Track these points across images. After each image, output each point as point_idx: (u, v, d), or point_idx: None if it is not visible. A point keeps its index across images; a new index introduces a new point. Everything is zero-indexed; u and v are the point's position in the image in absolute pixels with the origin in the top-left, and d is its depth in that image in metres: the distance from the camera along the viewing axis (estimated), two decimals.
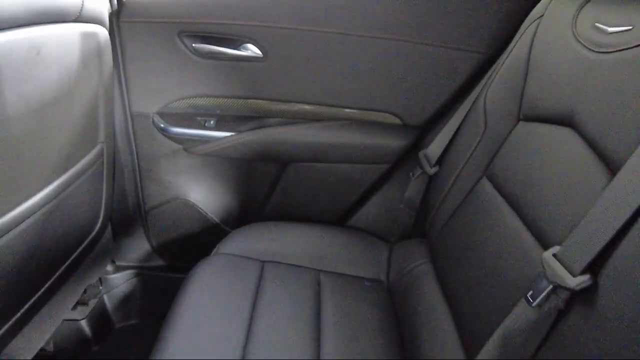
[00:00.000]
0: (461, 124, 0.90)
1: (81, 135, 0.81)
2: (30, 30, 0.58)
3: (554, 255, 0.50)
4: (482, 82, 0.88)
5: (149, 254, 1.26)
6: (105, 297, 1.25)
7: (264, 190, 1.15)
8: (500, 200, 0.71)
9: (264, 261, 0.93)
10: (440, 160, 0.94)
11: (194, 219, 1.18)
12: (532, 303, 0.49)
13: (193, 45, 0.95)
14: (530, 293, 0.50)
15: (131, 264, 1.26)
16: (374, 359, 0.76)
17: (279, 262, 0.94)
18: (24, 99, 0.60)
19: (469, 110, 0.88)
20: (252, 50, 0.97)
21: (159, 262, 1.27)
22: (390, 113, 1.02)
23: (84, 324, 1.17)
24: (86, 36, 0.73)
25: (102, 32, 0.80)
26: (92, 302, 1.19)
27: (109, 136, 0.94)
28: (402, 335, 0.83)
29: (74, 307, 1.17)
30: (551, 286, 0.48)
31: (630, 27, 0.55)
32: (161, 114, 1.04)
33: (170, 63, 0.98)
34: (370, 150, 1.05)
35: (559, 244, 0.51)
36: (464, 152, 0.85)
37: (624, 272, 0.42)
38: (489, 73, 0.86)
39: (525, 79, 0.74)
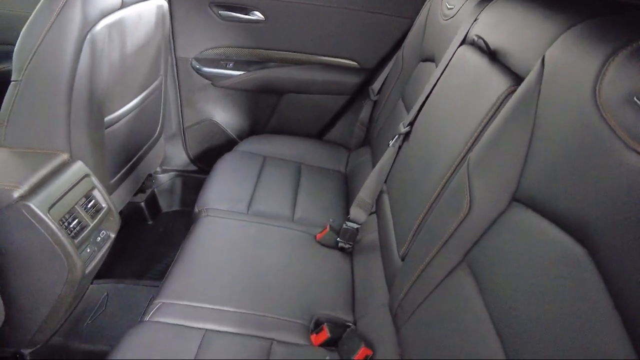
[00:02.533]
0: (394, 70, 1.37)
1: (152, 69, 1.31)
2: (137, 6, 1.07)
3: None
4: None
5: (186, 161, 1.79)
6: (155, 190, 1.79)
7: (266, 113, 1.66)
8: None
9: (265, 156, 1.45)
10: (380, 90, 1.43)
11: (218, 134, 1.70)
12: None
13: (219, 11, 1.44)
14: None
15: (173, 168, 1.80)
16: (330, 211, 1.25)
17: (274, 157, 1.46)
18: (134, 44, 1.11)
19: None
20: (257, 15, 1.45)
21: (193, 167, 1.80)
22: (350, 59, 1.51)
23: (142, 205, 1.72)
24: (158, 7, 1.22)
25: (165, 3, 1.28)
26: (148, 191, 1.74)
27: (165, 72, 1.44)
28: (349, 196, 1.35)
29: (135, 194, 1.71)
30: None
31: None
32: (197, 59, 1.54)
33: (203, 24, 1.47)
34: (336, 85, 1.54)
35: None
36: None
37: None
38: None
39: None
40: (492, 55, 0.73)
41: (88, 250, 1.01)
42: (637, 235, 0.37)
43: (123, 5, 1.05)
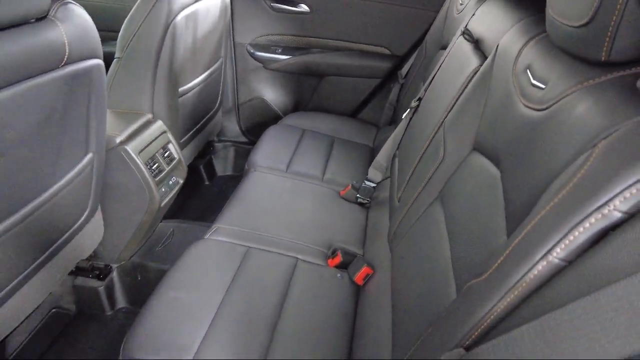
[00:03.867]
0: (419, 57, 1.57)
1: (215, 51, 1.60)
2: (207, 0, 1.36)
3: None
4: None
5: (238, 132, 2.09)
6: (212, 156, 2.10)
7: (308, 92, 1.92)
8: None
9: (304, 129, 1.71)
10: (406, 75, 1.64)
11: (266, 110, 1.98)
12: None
13: (271, 4, 1.70)
14: None
15: (228, 138, 2.10)
16: (354, 175, 1.47)
17: (312, 131, 1.71)
18: (203, 31, 1.39)
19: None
20: (303, 7, 1.70)
21: (243, 138, 2.10)
22: (382, 46, 1.72)
23: (201, 168, 2.04)
24: (222, 0, 1.50)
25: None
26: (207, 157, 2.05)
27: (224, 55, 1.73)
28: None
29: (196, 158, 2.03)
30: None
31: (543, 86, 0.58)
32: (251, 44, 1.82)
33: (257, 14, 1.74)
34: (369, 69, 1.76)
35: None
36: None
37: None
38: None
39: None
40: (476, 43, 0.93)
41: (163, 190, 1.31)
42: (519, 159, 0.58)
43: (197, 0, 1.34)
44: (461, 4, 1.23)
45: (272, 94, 1.96)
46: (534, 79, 0.58)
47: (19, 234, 0.85)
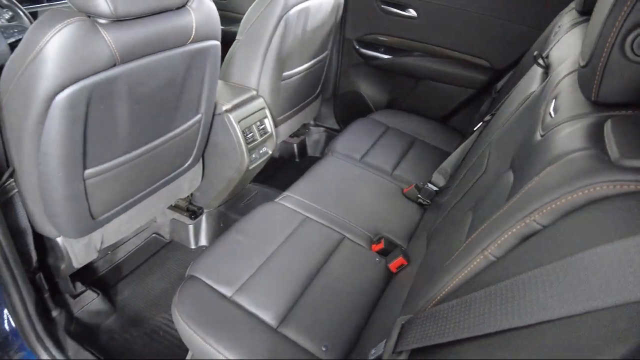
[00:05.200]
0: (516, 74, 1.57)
1: (322, 44, 1.78)
2: None
3: None
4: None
5: (333, 120, 2.27)
6: (306, 138, 2.32)
7: (403, 92, 2.01)
8: None
9: (388, 126, 1.82)
10: (501, 90, 1.64)
11: (360, 103, 2.12)
12: None
13: (381, 6, 1.82)
14: None
15: (323, 124, 2.30)
16: (423, 176, 1.55)
17: (395, 128, 1.81)
18: (313, 24, 1.58)
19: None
20: (411, 12, 1.79)
21: (337, 126, 2.27)
22: (483, 58, 1.74)
23: (294, 146, 2.27)
24: (337, 0, 1.66)
25: None
26: (301, 137, 2.28)
27: (331, 48, 1.91)
28: None
29: (291, 137, 2.26)
30: None
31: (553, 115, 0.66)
32: (358, 40, 1.97)
33: (368, 14, 1.87)
34: (466, 79, 1.79)
35: None
36: None
37: None
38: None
39: None
40: (546, 69, 0.95)
41: (253, 156, 1.54)
42: (518, 179, 0.65)
43: None
44: (559, 26, 1.22)
45: (369, 89, 2.09)
46: (552, 109, 0.63)
47: (147, 160, 1.14)
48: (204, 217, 1.67)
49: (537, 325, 0.36)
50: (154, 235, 1.72)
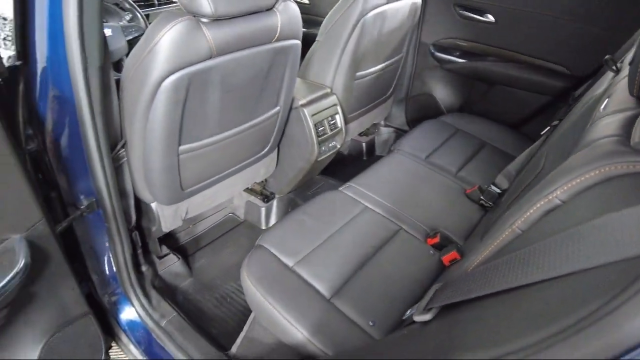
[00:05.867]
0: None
1: (397, 47, 1.85)
2: (398, 2, 1.61)
3: None
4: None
5: (403, 121, 2.32)
6: (376, 137, 2.39)
7: (475, 96, 2.01)
8: None
9: (458, 129, 1.84)
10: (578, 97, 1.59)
11: (432, 105, 2.15)
12: None
13: (459, 11, 1.85)
14: None
15: (393, 125, 2.36)
16: (488, 179, 1.56)
17: (465, 132, 1.83)
18: (388, 28, 1.66)
19: None
20: (489, 17, 1.79)
21: (407, 127, 2.32)
22: (560, 65, 1.70)
23: (363, 145, 2.35)
24: (413, 4, 1.73)
25: (419, 1, 1.78)
26: (370, 136, 2.36)
27: (406, 51, 1.97)
28: None
29: (360, 135, 2.35)
30: None
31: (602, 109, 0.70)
32: (433, 44, 2.01)
33: (445, 19, 1.91)
34: (542, 86, 1.76)
35: None
36: None
37: None
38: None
39: None
40: (617, 71, 0.95)
41: (323, 149, 1.66)
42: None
43: (388, 2, 1.61)
44: None
45: (441, 92, 2.12)
46: (604, 106, 0.66)
47: (230, 144, 1.30)
48: (275, 202, 1.82)
49: (548, 281, 0.42)
50: (230, 214, 1.91)
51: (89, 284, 1.26)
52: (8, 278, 0.73)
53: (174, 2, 2.13)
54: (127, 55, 1.54)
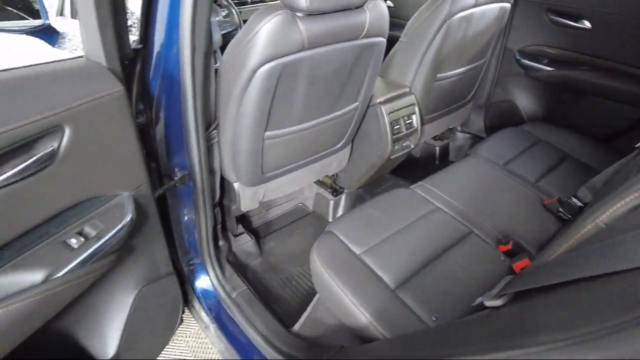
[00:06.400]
0: None
1: (481, 51, 1.82)
2: (486, 6, 1.59)
3: None
4: None
5: (482, 128, 2.26)
6: (450, 143, 2.36)
7: (562, 107, 1.92)
8: None
9: (540, 138, 1.76)
10: None
11: (513, 113, 2.08)
12: None
13: (551, 17, 1.78)
14: None
15: (470, 131, 2.31)
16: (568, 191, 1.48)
17: (547, 142, 1.75)
18: (473, 31, 1.64)
19: None
20: (585, 23, 1.71)
21: (484, 134, 2.26)
22: None
23: (437, 149, 2.32)
24: (501, 8, 1.69)
25: (508, 6, 1.73)
26: (445, 141, 2.32)
27: (490, 56, 1.92)
28: None
29: (435, 139, 2.32)
30: None
31: None
32: (520, 51, 1.95)
33: (535, 25, 1.84)
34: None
35: None
36: None
37: None
38: None
39: None
40: None
41: (396, 147, 1.68)
42: None
43: (476, 5, 1.59)
44: None
45: (524, 100, 2.04)
46: None
47: (309, 135, 1.37)
48: (343, 196, 1.87)
49: (625, 271, 0.42)
50: (299, 204, 1.99)
51: (172, 250, 1.40)
52: (119, 227, 0.85)
53: (265, 1, 2.27)
54: (220, 47, 1.68)
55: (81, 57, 0.87)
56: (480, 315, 0.65)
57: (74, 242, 0.80)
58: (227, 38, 1.69)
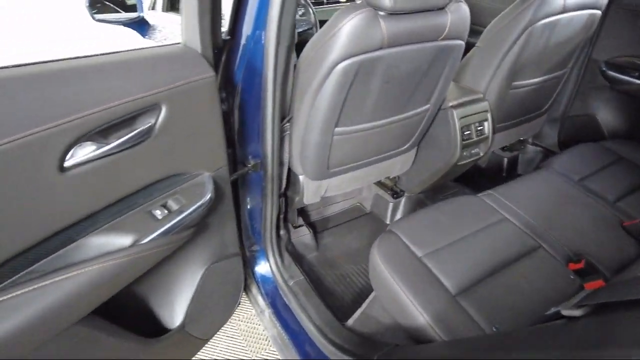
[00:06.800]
0: None
1: (562, 60, 1.73)
2: (573, 13, 1.51)
3: None
4: None
5: (554, 142, 2.15)
6: (520, 155, 2.25)
7: None
8: None
9: (622, 156, 1.64)
10: None
11: (592, 129, 1.96)
12: None
13: None
14: None
15: (541, 144, 2.20)
16: None
17: (630, 161, 1.62)
18: (556, 39, 1.57)
19: None
20: None
21: (556, 148, 2.14)
22: None
23: (505, 161, 2.24)
24: (590, 15, 1.60)
25: (598, 13, 1.63)
26: (515, 152, 2.23)
27: (572, 66, 1.82)
28: None
29: (503, 149, 2.23)
30: None
31: None
32: (607, 62, 1.83)
33: (627, 34, 1.72)
34: None
35: None
36: None
37: None
38: None
39: None
40: None
41: (465, 154, 1.64)
42: None
43: (563, 12, 1.52)
44: None
45: (607, 115, 1.92)
46: None
47: (377, 134, 1.38)
48: (403, 199, 1.86)
49: None
50: (357, 204, 2.01)
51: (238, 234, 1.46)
52: (199, 204, 0.91)
53: (341, 1, 2.30)
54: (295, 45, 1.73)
55: (178, 43, 0.94)
56: (554, 324, 0.63)
57: (158, 213, 0.86)
58: (302, 36, 1.74)
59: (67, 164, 0.72)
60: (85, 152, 0.75)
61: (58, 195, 0.72)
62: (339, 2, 2.27)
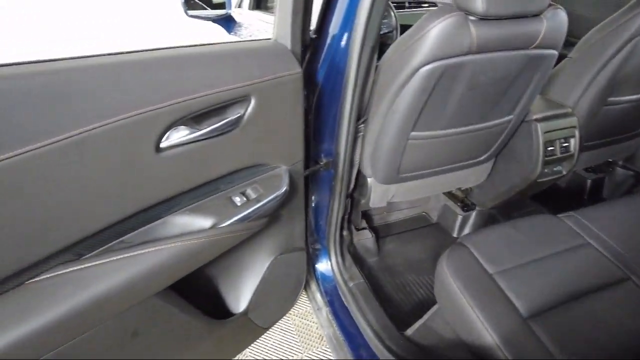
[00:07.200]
0: None
1: None
2: None
3: None
4: None
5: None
6: (606, 178, 2.08)
7: None
8: None
9: None
10: None
11: None
12: None
13: None
14: None
15: (633, 168, 2.01)
16: None
17: None
18: None
19: None
20: None
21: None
22: None
23: (588, 183, 2.07)
24: None
25: None
26: (599, 175, 2.06)
27: None
28: None
29: (594, 172, 2.07)
30: None
31: None
32: None
33: None
34: None
35: None
36: None
37: None
38: None
39: None
40: None
41: (546, 171, 1.54)
42: None
43: None
44: None
45: None
46: None
47: (453, 142, 1.34)
48: (474, 213, 1.79)
49: None
50: (423, 213, 1.96)
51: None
52: (275, 195, 0.93)
53: (423, 6, 2.27)
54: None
55: (269, 39, 0.98)
56: None
57: (237, 200, 0.90)
58: (382, 39, 1.74)
59: (162, 144, 0.78)
60: (179, 135, 0.80)
61: (153, 172, 0.77)
62: (421, 6, 2.23)
